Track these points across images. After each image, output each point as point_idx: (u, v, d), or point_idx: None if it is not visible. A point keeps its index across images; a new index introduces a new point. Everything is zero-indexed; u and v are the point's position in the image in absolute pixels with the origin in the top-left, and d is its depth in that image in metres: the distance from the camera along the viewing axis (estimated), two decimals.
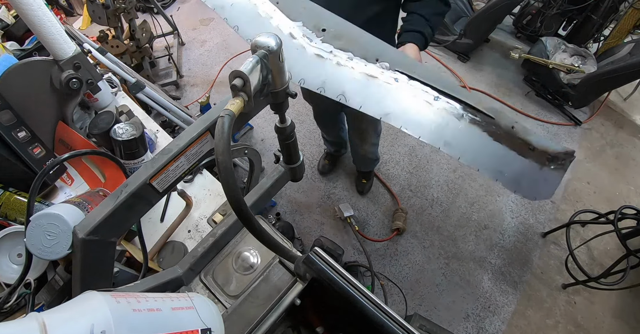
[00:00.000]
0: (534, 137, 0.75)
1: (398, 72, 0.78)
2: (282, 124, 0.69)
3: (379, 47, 0.82)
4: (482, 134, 0.73)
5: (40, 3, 0.80)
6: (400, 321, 0.48)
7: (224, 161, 0.40)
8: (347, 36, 0.83)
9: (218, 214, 0.87)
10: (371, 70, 0.79)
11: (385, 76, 0.78)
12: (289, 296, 0.58)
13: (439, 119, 0.74)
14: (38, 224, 0.56)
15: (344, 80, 0.78)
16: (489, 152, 0.73)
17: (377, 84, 0.78)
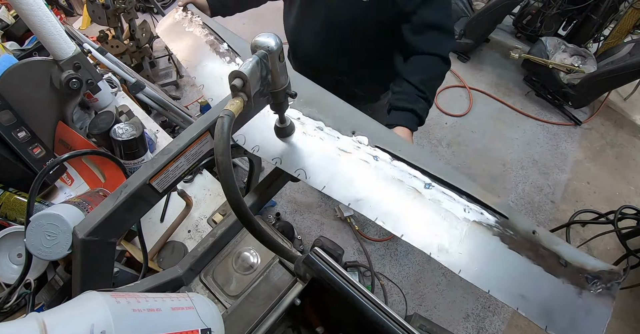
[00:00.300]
0: (564, 248, 0.55)
1: (379, 149, 0.64)
2: (282, 125, 0.69)
3: (358, 119, 0.69)
4: (493, 240, 0.54)
5: (40, 3, 0.80)
6: (400, 321, 0.48)
7: (224, 161, 0.40)
8: (321, 103, 0.71)
9: (218, 214, 0.87)
10: (345, 144, 0.65)
11: (361, 153, 0.63)
12: (289, 296, 0.58)
13: (431, 213, 0.56)
14: (38, 225, 0.56)
15: (308, 153, 0.64)
16: (504, 265, 0.53)
17: (350, 161, 0.63)
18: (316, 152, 0.64)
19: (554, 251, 0.55)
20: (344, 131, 0.67)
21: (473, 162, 2.28)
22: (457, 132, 2.38)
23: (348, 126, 0.67)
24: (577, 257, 0.55)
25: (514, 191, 2.17)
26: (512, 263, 0.53)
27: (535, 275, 0.52)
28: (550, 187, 2.20)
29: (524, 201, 2.12)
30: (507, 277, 0.52)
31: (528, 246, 0.54)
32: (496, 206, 0.57)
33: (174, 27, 1.08)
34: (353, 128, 0.67)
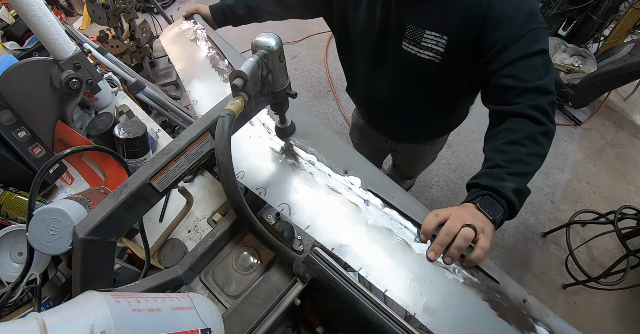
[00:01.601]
0: (555, 321, 0.53)
1: (371, 193, 0.60)
2: (282, 125, 0.69)
3: (353, 158, 0.65)
4: (482, 305, 0.51)
5: (40, 3, 0.80)
6: (400, 321, 0.48)
7: (225, 160, 0.40)
8: (316, 136, 0.68)
9: (218, 214, 0.87)
10: (335, 183, 0.61)
11: (352, 195, 0.60)
12: (289, 296, 0.58)
13: (419, 270, 0.53)
14: (41, 219, 0.56)
15: (295, 187, 0.61)
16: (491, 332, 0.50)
17: (339, 202, 0.59)
18: (304, 188, 0.61)
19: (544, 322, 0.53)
20: (336, 169, 0.63)
21: (473, 163, 2.28)
22: (457, 132, 2.38)
23: (341, 165, 0.64)
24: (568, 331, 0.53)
25: None
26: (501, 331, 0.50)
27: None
28: (550, 188, 2.20)
29: None
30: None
31: (517, 315, 0.52)
32: (488, 268, 0.55)
33: (178, 37, 1.06)
34: (346, 167, 0.64)
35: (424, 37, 0.77)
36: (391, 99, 1.00)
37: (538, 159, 0.63)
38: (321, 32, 3.04)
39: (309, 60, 2.92)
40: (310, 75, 2.82)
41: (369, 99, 1.09)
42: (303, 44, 3.03)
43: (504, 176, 0.60)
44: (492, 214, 0.57)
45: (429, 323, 0.50)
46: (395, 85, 0.93)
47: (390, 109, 1.05)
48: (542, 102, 0.64)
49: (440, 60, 0.78)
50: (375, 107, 1.11)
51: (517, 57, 0.66)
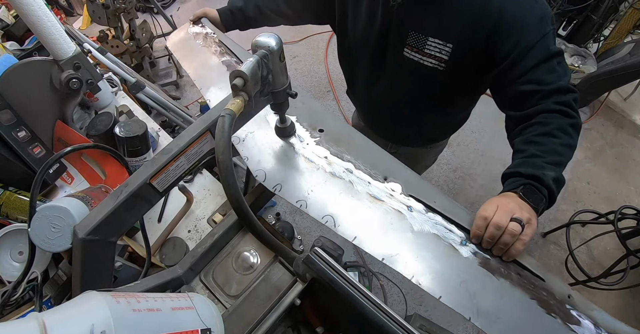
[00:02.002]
0: (599, 314, 0.55)
1: (412, 199, 0.60)
2: (282, 125, 0.69)
3: (390, 164, 0.63)
4: (531, 303, 0.52)
5: (40, 3, 0.80)
6: (400, 321, 0.48)
7: (225, 160, 0.40)
8: (350, 143, 0.66)
9: (218, 214, 0.87)
10: (376, 190, 0.60)
11: (394, 202, 0.59)
12: (289, 296, 0.58)
13: (467, 273, 0.53)
14: (44, 216, 0.56)
15: (337, 198, 0.59)
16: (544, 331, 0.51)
17: (383, 210, 0.58)
18: (345, 198, 0.59)
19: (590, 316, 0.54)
20: (376, 176, 0.62)
21: (473, 163, 2.28)
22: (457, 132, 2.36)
23: (380, 171, 0.63)
24: (611, 323, 0.55)
25: None
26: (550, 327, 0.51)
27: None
28: None
29: None
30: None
31: (564, 310, 0.53)
32: (533, 266, 0.56)
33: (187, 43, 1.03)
34: (385, 173, 0.63)
35: (427, 45, 0.75)
36: (392, 103, 0.99)
37: (570, 150, 0.63)
38: (321, 32, 3.04)
39: (309, 60, 2.92)
40: (310, 75, 2.82)
41: (370, 103, 1.09)
42: (303, 44, 3.03)
43: (544, 164, 0.59)
44: (536, 203, 0.58)
45: (483, 325, 0.50)
46: (397, 90, 0.93)
47: (391, 114, 1.05)
48: (567, 98, 0.65)
49: (444, 68, 0.77)
50: (376, 111, 1.11)
51: (536, 63, 0.66)
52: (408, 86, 0.89)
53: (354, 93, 1.15)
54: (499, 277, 0.54)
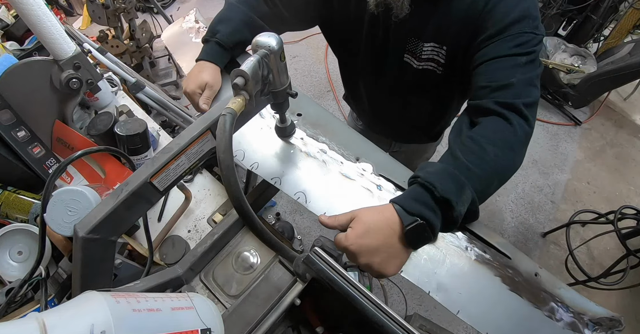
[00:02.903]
0: (567, 293, 0.55)
1: (383, 178, 0.62)
2: (282, 124, 0.69)
3: (363, 146, 0.66)
4: (494, 280, 0.53)
5: (40, 3, 0.80)
6: (400, 321, 0.48)
7: (226, 159, 0.40)
8: (326, 127, 0.69)
9: (218, 214, 0.87)
10: (348, 170, 0.63)
11: (364, 180, 0.62)
12: (289, 296, 0.58)
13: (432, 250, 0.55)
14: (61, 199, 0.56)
15: (309, 176, 0.62)
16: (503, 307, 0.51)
17: (353, 188, 0.61)
18: (318, 176, 0.62)
19: (556, 295, 0.54)
20: (348, 157, 0.65)
21: None
22: None
23: (352, 152, 0.66)
24: (580, 302, 0.54)
25: (514, 191, 2.17)
26: (513, 305, 0.52)
27: (536, 319, 0.51)
28: (550, 187, 2.20)
29: (524, 201, 2.12)
30: (506, 320, 0.51)
31: (529, 288, 0.53)
32: (500, 245, 0.56)
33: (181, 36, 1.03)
34: (357, 155, 0.65)
35: (424, 49, 0.75)
36: (393, 107, 0.99)
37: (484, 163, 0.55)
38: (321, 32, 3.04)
39: (309, 60, 2.92)
40: (310, 75, 2.82)
41: (371, 108, 1.08)
42: (303, 44, 3.03)
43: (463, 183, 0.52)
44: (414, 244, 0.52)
45: (443, 300, 0.51)
46: (398, 95, 0.93)
47: (393, 117, 1.05)
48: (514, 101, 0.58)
49: (441, 71, 0.77)
50: (378, 115, 1.11)
51: (495, 56, 0.62)
52: (409, 90, 0.88)
53: (354, 98, 1.14)
54: (464, 254, 0.55)
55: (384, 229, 0.50)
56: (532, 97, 0.59)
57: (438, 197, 0.50)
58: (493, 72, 0.62)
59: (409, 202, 0.51)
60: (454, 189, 0.50)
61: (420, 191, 0.52)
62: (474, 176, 0.53)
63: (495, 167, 0.55)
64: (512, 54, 0.61)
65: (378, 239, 0.50)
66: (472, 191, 0.52)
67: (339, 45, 0.96)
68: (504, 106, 0.58)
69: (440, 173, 0.53)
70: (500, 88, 0.60)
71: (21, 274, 0.75)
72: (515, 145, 0.57)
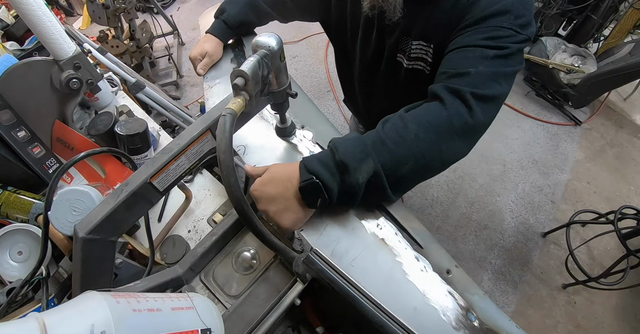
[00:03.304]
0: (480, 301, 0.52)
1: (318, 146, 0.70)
2: (282, 124, 0.69)
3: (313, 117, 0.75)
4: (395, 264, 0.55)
5: (40, 3, 0.80)
6: (400, 321, 0.48)
7: (226, 159, 0.40)
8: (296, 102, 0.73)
9: (218, 214, 0.87)
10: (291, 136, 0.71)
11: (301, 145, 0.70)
12: (289, 296, 0.58)
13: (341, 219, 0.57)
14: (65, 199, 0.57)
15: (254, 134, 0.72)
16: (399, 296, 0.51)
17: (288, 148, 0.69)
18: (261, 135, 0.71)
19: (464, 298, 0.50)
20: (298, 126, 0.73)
21: (473, 162, 2.28)
22: None
23: (300, 120, 0.74)
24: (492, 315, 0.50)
25: (514, 191, 2.17)
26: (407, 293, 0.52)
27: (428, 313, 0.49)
28: (550, 187, 2.20)
29: (524, 201, 2.12)
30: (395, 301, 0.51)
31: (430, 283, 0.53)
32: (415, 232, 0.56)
33: None
34: (303, 123, 0.74)
35: (413, 48, 0.75)
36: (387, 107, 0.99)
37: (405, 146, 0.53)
38: (321, 32, 3.03)
39: (309, 60, 2.92)
40: (310, 75, 2.82)
41: (367, 109, 1.09)
42: (303, 44, 3.03)
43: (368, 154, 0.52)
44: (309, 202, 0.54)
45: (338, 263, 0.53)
46: (391, 95, 0.93)
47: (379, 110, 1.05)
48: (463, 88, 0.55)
49: (429, 71, 0.77)
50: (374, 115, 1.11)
51: (463, 45, 0.59)
52: (400, 89, 0.89)
53: (351, 100, 1.15)
54: (369, 230, 0.56)
55: (284, 182, 0.54)
56: (488, 90, 0.55)
57: (337, 159, 0.51)
58: (456, 60, 0.60)
59: (312, 161, 0.53)
60: (356, 156, 0.51)
61: (326, 153, 0.54)
62: (385, 150, 0.52)
63: (412, 146, 0.53)
64: (480, 45, 0.58)
65: (277, 190, 0.54)
66: (378, 163, 0.51)
67: (337, 43, 0.97)
68: (449, 91, 0.56)
69: (351, 140, 0.54)
70: (455, 75, 0.57)
71: (21, 274, 0.75)
72: (443, 131, 0.54)
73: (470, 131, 0.56)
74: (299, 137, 0.71)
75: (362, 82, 0.97)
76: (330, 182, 0.51)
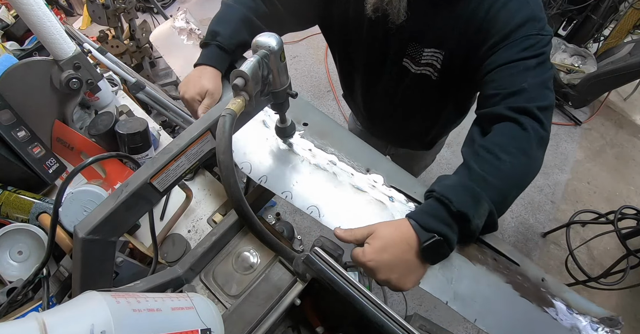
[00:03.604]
0: (571, 296, 0.57)
1: (394, 189, 0.62)
2: (282, 125, 0.69)
3: (372, 156, 0.66)
4: (506, 287, 0.54)
5: (40, 3, 0.80)
6: (400, 321, 0.48)
7: (226, 160, 0.40)
8: (333, 136, 0.68)
9: (218, 214, 0.88)
10: (359, 182, 0.62)
11: (376, 192, 0.61)
12: (289, 296, 0.58)
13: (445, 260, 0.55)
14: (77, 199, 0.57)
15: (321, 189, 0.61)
16: (515, 314, 0.53)
17: (365, 201, 0.60)
18: (329, 189, 0.62)
19: (562, 299, 0.56)
20: (358, 168, 0.64)
21: None
22: (457, 132, 2.36)
23: (362, 163, 0.65)
24: (583, 304, 0.56)
25: None
26: (525, 310, 0.53)
27: (545, 322, 0.53)
28: (550, 187, 2.20)
29: (524, 201, 2.12)
30: (521, 324, 0.53)
31: (538, 294, 0.55)
32: (508, 252, 0.57)
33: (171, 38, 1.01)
34: (367, 165, 0.65)
35: (424, 55, 0.74)
36: (388, 109, 0.99)
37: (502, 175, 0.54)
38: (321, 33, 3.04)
39: (309, 60, 2.92)
40: (310, 75, 2.82)
41: (367, 109, 1.08)
42: (303, 44, 3.03)
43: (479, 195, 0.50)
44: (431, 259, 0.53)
45: (460, 309, 0.52)
46: (393, 97, 0.92)
47: (388, 119, 1.05)
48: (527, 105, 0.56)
49: (436, 77, 0.76)
50: (373, 116, 1.10)
51: (503, 63, 0.60)
52: (404, 93, 0.88)
53: (352, 99, 1.14)
54: (476, 262, 0.56)
55: (401, 245, 0.50)
56: (547, 101, 0.58)
57: (454, 211, 0.49)
58: (503, 78, 0.60)
59: (425, 218, 0.51)
60: (470, 203, 0.50)
61: (436, 205, 0.52)
62: (490, 186, 0.52)
63: (512, 176, 0.54)
64: (520, 58, 0.59)
65: (396, 255, 0.50)
66: (490, 202, 0.51)
67: (337, 46, 0.96)
68: (516, 111, 0.57)
69: (456, 186, 0.52)
70: (512, 94, 0.58)
71: (21, 274, 0.75)
72: (530, 151, 0.55)
73: (546, 142, 0.59)
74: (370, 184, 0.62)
75: (364, 84, 0.96)
76: (451, 235, 0.50)
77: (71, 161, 1.00)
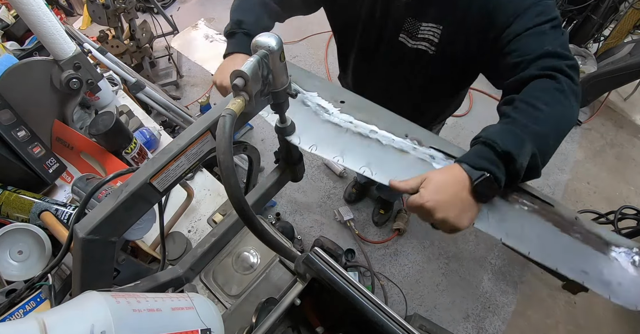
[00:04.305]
0: (603, 231, 0.62)
1: (433, 150, 0.66)
2: (282, 124, 0.69)
3: (407, 125, 0.71)
4: (547, 225, 0.60)
5: (40, 3, 0.80)
6: (400, 321, 0.48)
7: (226, 160, 0.40)
8: (369, 110, 0.74)
9: (218, 214, 0.87)
10: (401, 145, 0.67)
11: (418, 153, 0.66)
12: (289, 296, 0.58)
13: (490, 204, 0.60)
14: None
15: (368, 152, 0.67)
16: (561, 246, 0.59)
17: (410, 160, 0.65)
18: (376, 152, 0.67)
19: (596, 234, 0.61)
20: (398, 134, 0.69)
21: None
22: (457, 132, 2.38)
23: (400, 131, 0.70)
24: (615, 237, 0.63)
25: None
26: (567, 244, 0.59)
27: (589, 254, 0.60)
28: (550, 187, 2.20)
29: None
30: (567, 256, 0.59)
31: (576, 229, 0.61)
32: (541, 196, 0.63)
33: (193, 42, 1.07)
34: (405, 132, 0.70)
35: (421, 29, 0.76)
36: (384, 87, 0.99)
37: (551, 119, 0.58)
38: (321, 32, 3.04)
39: (309, 61, 2.92)
40: None
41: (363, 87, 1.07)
42: (303, 44, 3.03)
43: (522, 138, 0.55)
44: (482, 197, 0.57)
45: (514, 244, 0.56)
46: (388, 75, 0.93)
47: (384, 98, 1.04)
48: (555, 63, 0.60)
49: (433, 51, 0.78)
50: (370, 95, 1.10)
51: (521, 31, 0.63)
52: (399, 69, 0.89)
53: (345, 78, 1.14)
54: (516, 204, 0.61)
55: (455, 186, 0.54)
56: (573, 60, 0.61)
57: (500, 152, 0.53)
58: (525, 45, 0.63)
59: (474, 159, 0.55)
60: (514, 144, 0.54)
61: (483, 148, 0.56)
62: (531, 131, 0.56)
63: (550, 122, 0.58)
64: (536, 24, 0.62)
65: (451, 194, 0.54)
66: (532, 144, 0.55)
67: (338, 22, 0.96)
68: (548, 69, 0.60)
69: (500, 131, 0.56)
70: (538, 57, 0.61)
71: (21, 274, 0.75)
72: (566, 101, 0.59)
73: (579, 96, 0.61)
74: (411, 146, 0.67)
75: (357, 56, 0.97)
76: (499, 173, 0.54)
77: (71, 161, 1.00)
